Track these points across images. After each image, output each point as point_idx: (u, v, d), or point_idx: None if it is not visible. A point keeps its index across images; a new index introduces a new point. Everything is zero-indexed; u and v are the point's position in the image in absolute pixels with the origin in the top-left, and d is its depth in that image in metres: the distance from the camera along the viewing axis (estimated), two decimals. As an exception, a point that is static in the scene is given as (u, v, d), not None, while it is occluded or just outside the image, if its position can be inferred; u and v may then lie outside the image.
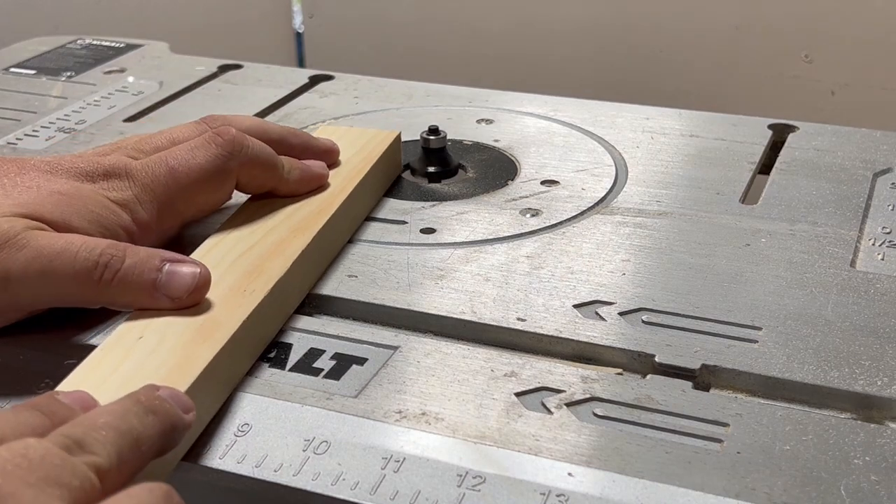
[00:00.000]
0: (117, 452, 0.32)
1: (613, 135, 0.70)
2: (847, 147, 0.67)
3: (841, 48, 1.08)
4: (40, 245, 0.44)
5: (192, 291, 0.45)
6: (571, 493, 0.38)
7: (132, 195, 0.50)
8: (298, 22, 1.36)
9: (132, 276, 0.44)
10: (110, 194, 0.49)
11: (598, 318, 0.49)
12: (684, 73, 1.15)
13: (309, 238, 0.51)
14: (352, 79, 0.82)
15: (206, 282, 0.45)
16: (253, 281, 0.47)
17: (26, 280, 0.44)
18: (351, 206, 0.57)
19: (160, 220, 0.51)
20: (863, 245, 0.55)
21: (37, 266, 0.44)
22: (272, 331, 0.48)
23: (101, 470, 0.31)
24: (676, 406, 0.43)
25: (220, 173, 0.52)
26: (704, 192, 0.61)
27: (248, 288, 0.47)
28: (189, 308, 0.45)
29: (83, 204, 0.48)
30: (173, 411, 0.37)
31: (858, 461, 0.39)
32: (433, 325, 0.49)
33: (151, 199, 0.50)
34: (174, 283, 0.44)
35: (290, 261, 0.49)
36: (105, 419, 0.34)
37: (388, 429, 0.41)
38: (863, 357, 0.45)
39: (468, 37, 1.24)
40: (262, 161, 0.53)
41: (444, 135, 0.65)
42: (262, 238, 0.51)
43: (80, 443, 0.32)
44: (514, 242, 0.56)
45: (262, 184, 0.55)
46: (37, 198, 0.47)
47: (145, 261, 0.45)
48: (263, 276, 0.48)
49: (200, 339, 0.43)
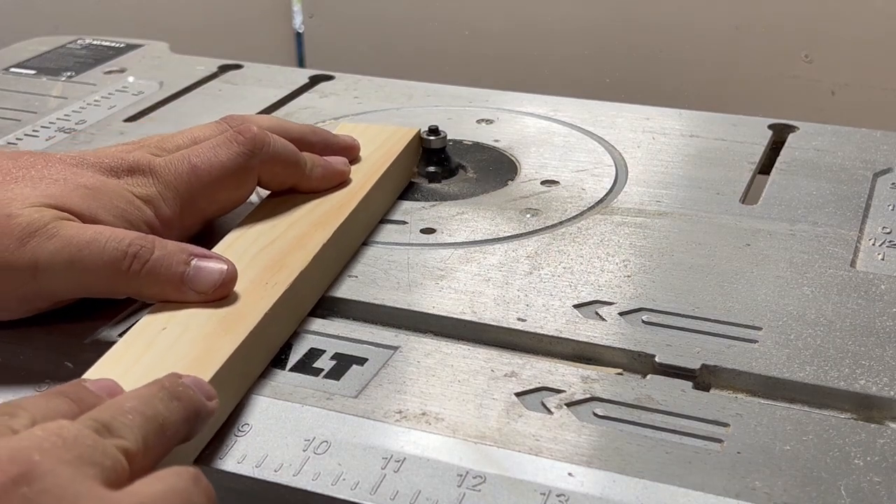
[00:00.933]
0: (143, 436, 0.33)
1: (613, 135, 0.70)
2: (847, 147, 0.67)
3: (841, 48, 1.08)
4: (70, 235, 0.45)
5: (218, 287, 0.45)
6: (571, 493, 0.38)
7: (156, 191, 0.50)
8: (298, 22, 1.36)
9: (160, 269, 0.45)
10: (135, 189, 0.50)
11: (598, 318, 0.49)
12: (684, 73, 1.15)
13: (330, 232, 0.52)
14: (352, 79, 0.83)
15: (233, 278, 0.46)
16: (274, 275, 0.48)
17: (55, 269, 0.44)
18: (371, 202, 0.57)
19: (182, 216, 0.51)
20: (863, 245, 0.55)
21: (66, 255, 0.44)
22: (292, 325, 0.48)
23: (129, 453, 0.32)
24: (676, 406, 0.43)
25: (242, 171, 0.52)
26: (704, 192, 0.61)
27: (269, 281, 0.47)
28: (217, 301, 0.45)
29: (108, 198, 0.48)
30: (197, 398, 0.37)
31: (858, 461, 0.39)
32: (433, 325, 0.49)
33: (174, 196, 0.51)
34: (201, 278, 0.45)
35: (311, 255, 0.50)
36: (131, 404, 0.34)
37: (388, 429, 0.41)
38: (863, 357, 0.45)
39: (468, 37, 1.24)
40: (285, 158, 0.54)
41: (444, 135, 0.65)
42: (283, 233, 0.52)
43: (108, 426, 0.32)
44: (514, 242, 0.56)
45: (284, 180, 0.55)
46: (64, 190, 0.47)
47: (173, 254, 0.45)
48: (285, 270, 0.48)
49: (223, 330, 0.43)
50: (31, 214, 0.45)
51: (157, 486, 0.31)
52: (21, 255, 0.44)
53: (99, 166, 0.50)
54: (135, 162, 0.51)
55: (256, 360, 0.45)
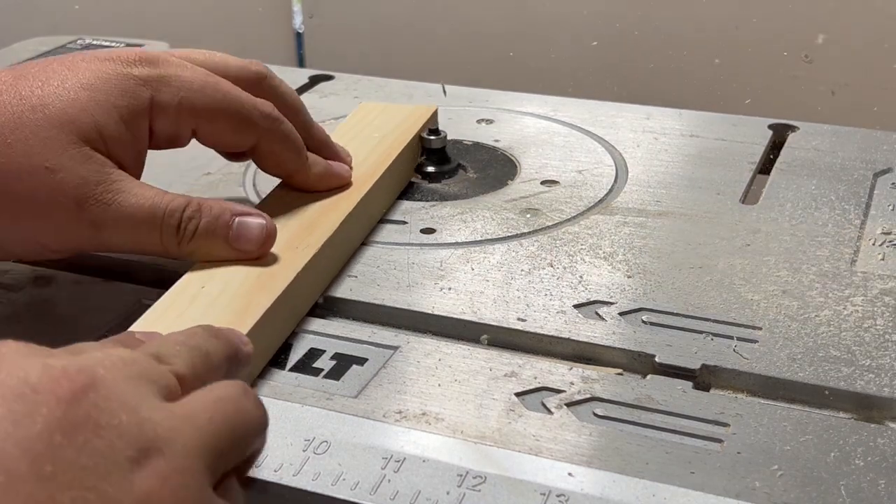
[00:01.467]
0: (192, 362, 0.35)
1: (613, 135, 0.70)
2: (847, 147, 0.67)
3: (841, 48, 1.08)
4: (127, 205, 0.47)
5: (260, 244, 0.49)
6: (571, 493, 0.38)
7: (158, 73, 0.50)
8: (298, 22, 1.36)
9: (208, 233, 0.48)
10: (135, 72, 0.50)
11: (598, 318, 0.49)
12: (684, 73, 1.15)
13: (357, 199, 0.55)
14: (352, 79, 0.83)
15: (273, 233, 0.49)
16: (306, 237, 0.51)
17: (116, 233, 0.48)
18: (388, 178, 0.60)
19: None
20: (863, 245, 0.55)
21: (126, 224, 0.47)
22: (321, 286, 0.51)
23: (180, 375, 0.34)
24: (676, 406, 0.43)
25: (247, 117, 0.52)
26: (704, 192, 0.61)
27: (301, 244, 0.50)
28: (255, 260, 0.49)
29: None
30: (234, 339, 0.39)
31: (858, 461, 0.39)
32: (433, 325, 0.49)
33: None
34: (244, 237, 0.49)
35: (341, 217, 0.53)
36: (177, 338, 0.37)
37: (388, 429, 0.41)
38: (863, 357, 0.45)
39: (468, 37, 1.24)
40: (292, 140, 0.54)
41: (444, 135, 0.65)
42: (313, 201, 0.55)
43: (159, 355, 0.35)
44: (514, 242, 0.56)
45: (283, 162, 0.55)
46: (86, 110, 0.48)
47: (219, 216, 0.48)
48: (316, 232, 0.52)
49: (259, 288, 0.47)
50: (76, 170, 0.46)
51: (208, 395, 0.33)
52: (81, 219, 0.47)
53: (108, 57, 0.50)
54: (143, 53, 0.51)
55: (289, 315, 0.48)
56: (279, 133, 0.53)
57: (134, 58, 0.50)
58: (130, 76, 0.49)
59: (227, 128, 0.52)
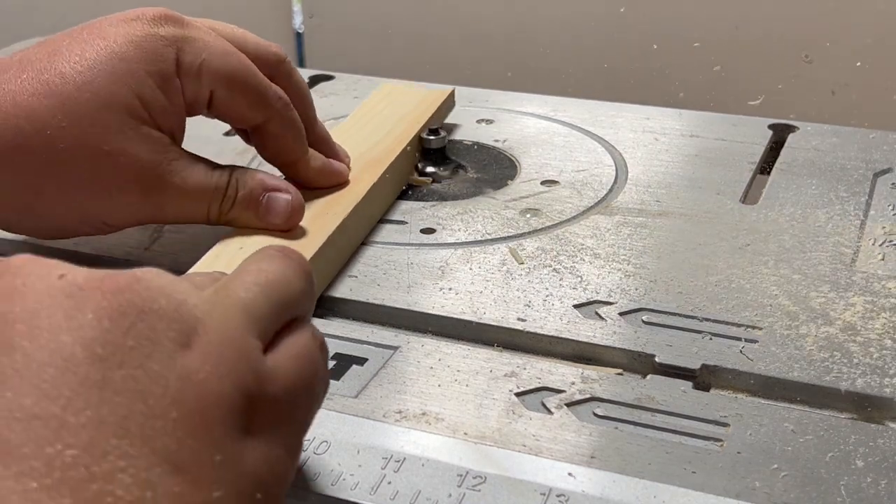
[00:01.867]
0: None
1: (613, 135, 0.70)
2: (847, 147, 0.67)
3: (841, 48, 1.08)
4: (185, 181, 0.50)
5: (286, 217, 0.52)
6: (571, 493, 0.38)
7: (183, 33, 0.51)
8: (298, 22, 1.36)
9: (242, 207, 0.52)
10: (160, 31, 0.50)
11: (598, 318, 0.49)
12: (684, 73, 1.15)
13: (380, 171, 0.58)
14: (352, 79, 0.82)
15: (299, 207, 0.52)
16: (333, 207, 0.54)
17: (172, 209, 0.51)
18: (403, 158, 0.62)
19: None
20: (863, 245, 0.55)
21: (183, 199, 0.51)
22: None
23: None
24: (677, 406, 0.43)
25: (259, 85, 0.53)
26: (704, 192, 0.61)
27: (329, 212, 0.54)
28: (284, 232, 0.52)
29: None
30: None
31: (858, 461, 0.39)
32: (433, 325, 0.49)
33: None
34: (272, 211, 0.52)
35: (366, 188, 0.56)
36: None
37: (388, 429, 0.41)
38: (863, 357, 0.45)
39: (468, 37, 1.24)
40: (297, 128, 0.55)
41: (444, 135, 0.65)
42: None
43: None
44: (514, 242, 0.56)
45: (286, 148, 0.55)
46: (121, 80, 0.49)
47: (252, 191, 0.52)
48: (344, 201, 0.55)
49: (295, 245, 0.49)
50: (135, 152, 0.48)
51: (245, 275, 0.35)
52: (142, 198, 0.49)
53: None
54: (168, 12, 0.51)
55: (326, 270, 0.52)
56: (288, 118, 0.54)
57: (160, 15, 0.50)
58: (158, 36, 0.49)
59: (243, 100, 0.52)
